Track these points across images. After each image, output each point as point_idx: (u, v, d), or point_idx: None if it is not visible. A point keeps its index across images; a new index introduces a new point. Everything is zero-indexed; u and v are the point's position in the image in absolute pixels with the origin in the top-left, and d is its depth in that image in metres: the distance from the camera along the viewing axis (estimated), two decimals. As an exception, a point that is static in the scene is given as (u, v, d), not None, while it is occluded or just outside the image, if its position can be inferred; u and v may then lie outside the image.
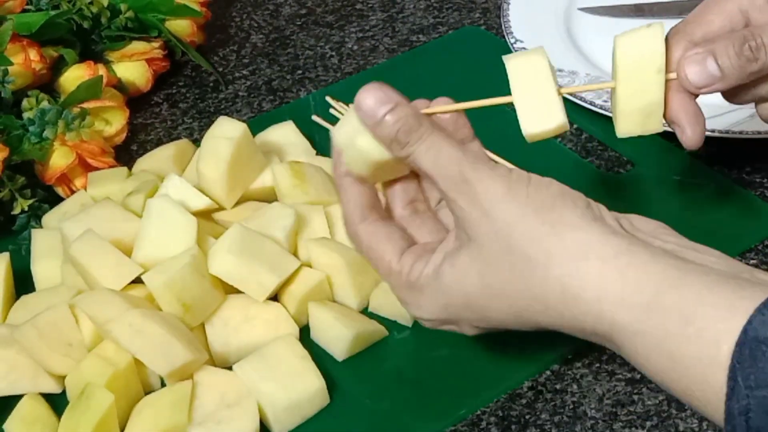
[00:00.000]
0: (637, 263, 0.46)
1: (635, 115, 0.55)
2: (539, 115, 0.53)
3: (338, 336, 0.62)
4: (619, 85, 0.55)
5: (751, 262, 0.66)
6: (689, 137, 0.56)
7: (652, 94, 0.55)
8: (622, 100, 0.55)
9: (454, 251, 0.51)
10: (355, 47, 0.92)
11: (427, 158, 0.51)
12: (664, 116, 0.56)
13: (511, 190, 0.49)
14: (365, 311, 0.66)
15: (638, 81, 0.55)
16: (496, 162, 0.52)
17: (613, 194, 0.73)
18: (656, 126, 0.56)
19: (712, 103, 0.61)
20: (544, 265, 0.47)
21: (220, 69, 0.91)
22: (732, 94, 0.58)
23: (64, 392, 0.61)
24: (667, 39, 0.55)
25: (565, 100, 0.54)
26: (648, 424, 0.58)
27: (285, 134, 0.77)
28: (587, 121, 0.78)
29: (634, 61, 0.54)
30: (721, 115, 0.74)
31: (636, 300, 0.45)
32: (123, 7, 0.84)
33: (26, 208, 0.73)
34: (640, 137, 0.57)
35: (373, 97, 0.52)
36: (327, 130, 0.80)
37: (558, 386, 0.61)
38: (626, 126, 0.56)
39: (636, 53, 0.54)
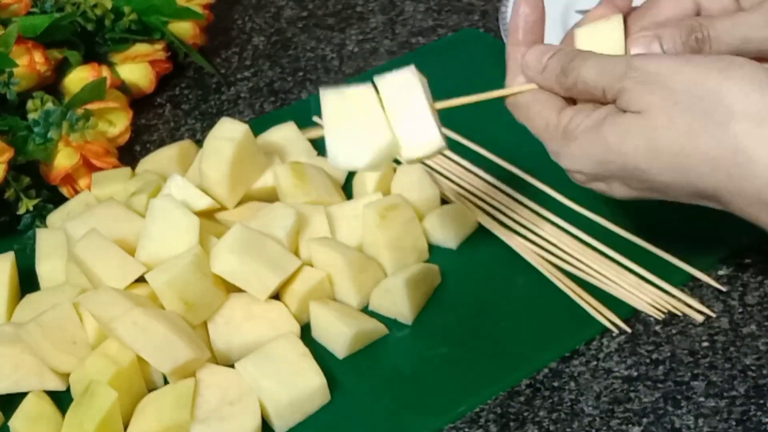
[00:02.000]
0: None
1: None
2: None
3: (339, 334, 0.63)
4: None
5: (747, 261, 0.67)
6: None
7: None
8: None
9: (618, 112, 0.52)
10: (356, 49, 0.92)
11: (593, 71, 0.52)
12: None
13: (688, 58, 0.49)
14: (365, 310, 0.66)
15: None
16: None
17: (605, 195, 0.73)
18: None
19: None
20: (722, 122, 0.47)
21: (223, 71, 0.91)
22: None
23: (68, 390, 0.62)
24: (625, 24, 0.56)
25: None
26: (644, 421, 0.59)
27: (286, 135, 0.78)
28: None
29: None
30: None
31: None
32: (126, 9, 0.85)
33: (31, 208, 0.74)
34: None
35: (533, 52, 0.55)
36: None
37: (556, 384, 0.61)
38: None
39: (595, 47, 0.55)
